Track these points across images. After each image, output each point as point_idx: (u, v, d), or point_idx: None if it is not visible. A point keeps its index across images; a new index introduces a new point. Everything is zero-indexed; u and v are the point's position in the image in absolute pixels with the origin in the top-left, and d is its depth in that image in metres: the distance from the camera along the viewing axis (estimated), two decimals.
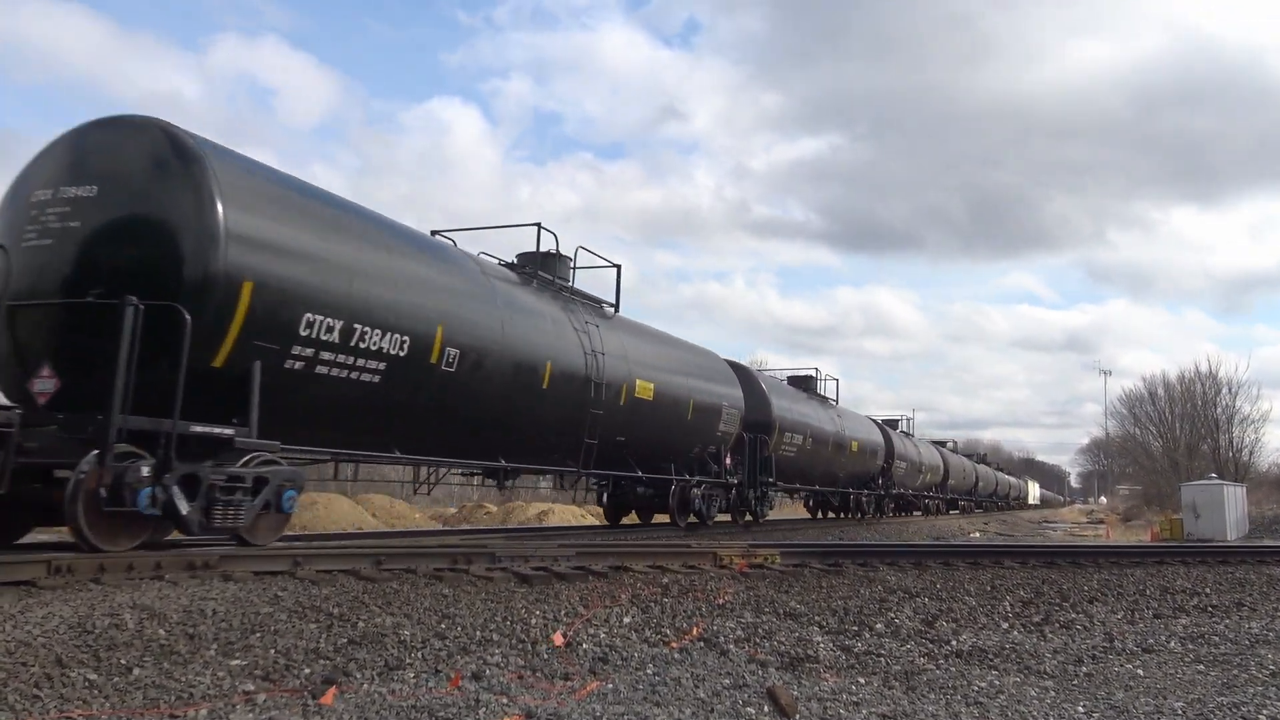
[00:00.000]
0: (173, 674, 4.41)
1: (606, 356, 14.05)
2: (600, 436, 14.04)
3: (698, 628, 6.24)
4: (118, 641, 4.78)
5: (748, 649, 5.81)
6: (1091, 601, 8.23)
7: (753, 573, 8.85)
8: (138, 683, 4.25)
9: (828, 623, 6.80)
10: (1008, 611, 7.64)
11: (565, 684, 4.80)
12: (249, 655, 4.79)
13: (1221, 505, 25.06)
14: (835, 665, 5.56)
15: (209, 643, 4.92)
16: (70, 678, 4.22)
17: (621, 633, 5.99)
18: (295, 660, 4.80)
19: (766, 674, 5.21)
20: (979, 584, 8.75)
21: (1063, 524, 50.54)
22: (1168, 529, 26.41)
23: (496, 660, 5.13)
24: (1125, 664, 5.94)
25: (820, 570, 9.16)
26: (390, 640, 5.29)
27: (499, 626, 5.80)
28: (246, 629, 5.23)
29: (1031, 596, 8.28)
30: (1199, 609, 8.20)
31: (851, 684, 5.10)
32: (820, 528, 24.13)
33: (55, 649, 4.56)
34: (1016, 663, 5.84)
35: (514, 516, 26.64)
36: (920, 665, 5.65)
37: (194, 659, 4.66)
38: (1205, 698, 5.05)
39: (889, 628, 6.71)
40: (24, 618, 5.06)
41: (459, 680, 4.69)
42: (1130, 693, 5.16)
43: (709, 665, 5.35)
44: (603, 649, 5.54)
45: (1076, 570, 10.06)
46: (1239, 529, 25.92)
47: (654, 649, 5.69)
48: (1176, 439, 56.25)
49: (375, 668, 4.82)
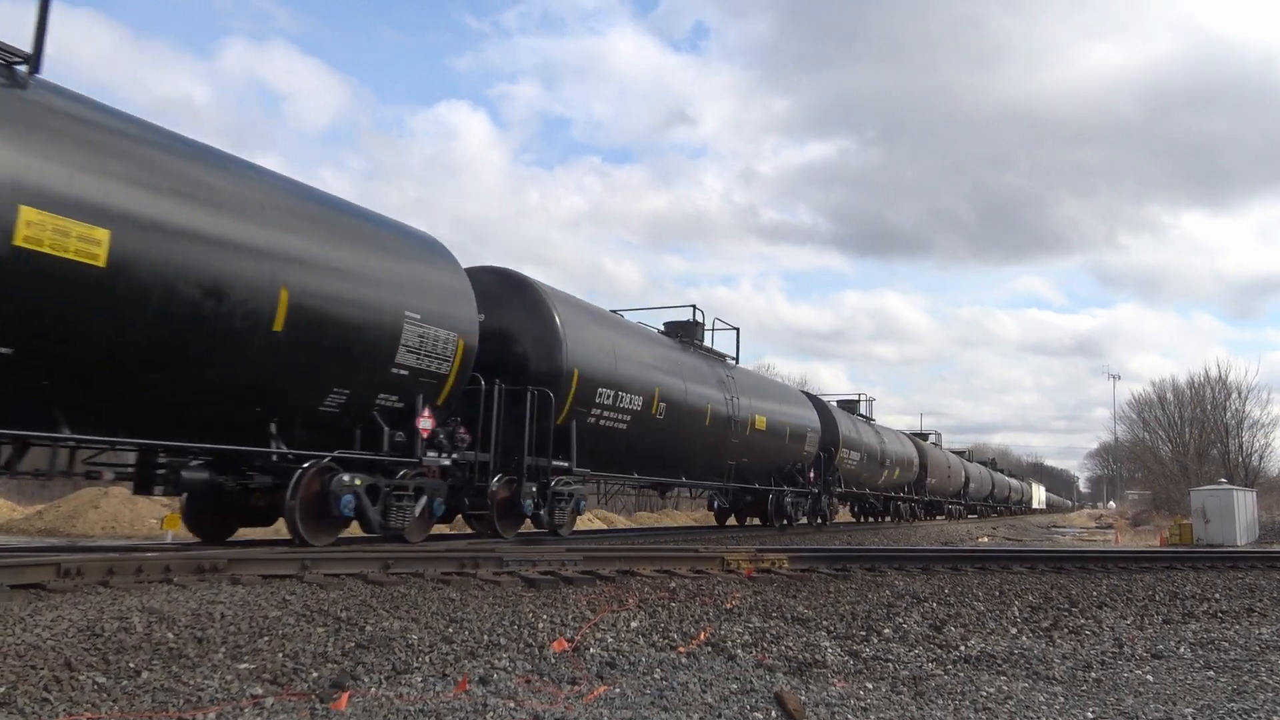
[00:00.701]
0: (181, 677, 4.42)
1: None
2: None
3: (705, 632, 6.22)
4: (126, 645, 4.79)
5: (755, 654, 5.80)
6: (1100, 607, 8.19)
7: (760, 577, 8.84)
8: (146, 686, 4.26)
9: (835, 628, 6.79)
10: (1016, 617, 7.61)
11: (573, 689, 4.79)
12: (257, 659, 4.80)
13: (1231, 510, 24.95)
14: (843, 670, 5.55)
15: (217, 646, 4.93)
16: (79, 681, 4.23)
17: (629, 637, 5.98)
18: (303, 664, 4.80)
19: (774, 679, 5.20)
20: (987, 589, 8.72)
21: (1072, 529, 50.39)
22: (1177, 534, 26.29)
23: (504, 664, 5.12)
24: (1135, 670, 5.91)
25: (828, 575, 9.14)
26: (398, 644, 5.29)
27: (506, 631, 5.80)
28: (254, 632, 5.24)
29: (1040, 602, 8.25)
30: (1209, 615, 8.16)
31: (859, 689, 5.08)
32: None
33: (64, 652, 4.58)
34: (1025, 668, 5.82)
35: None
36: (928, 670, 5.63)
37: (202, 662, 4.67)
38: (1215, 704, 5.02)
39: (897, 633, 6.69)
40: (33, 620, 5.08)
41: (466, 684, 4.69)
42: (1140, 699, 5.13)
43: (716, 670, 5.34)
44: (610, 654, 5.53)
45: (1085, 575, 10.02)
46: (1249, 534, 25.80)
47: (661, 654, 5.68)
48: (1186, 444, 56.04)
49: (383, 671, 4.82)
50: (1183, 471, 50.82)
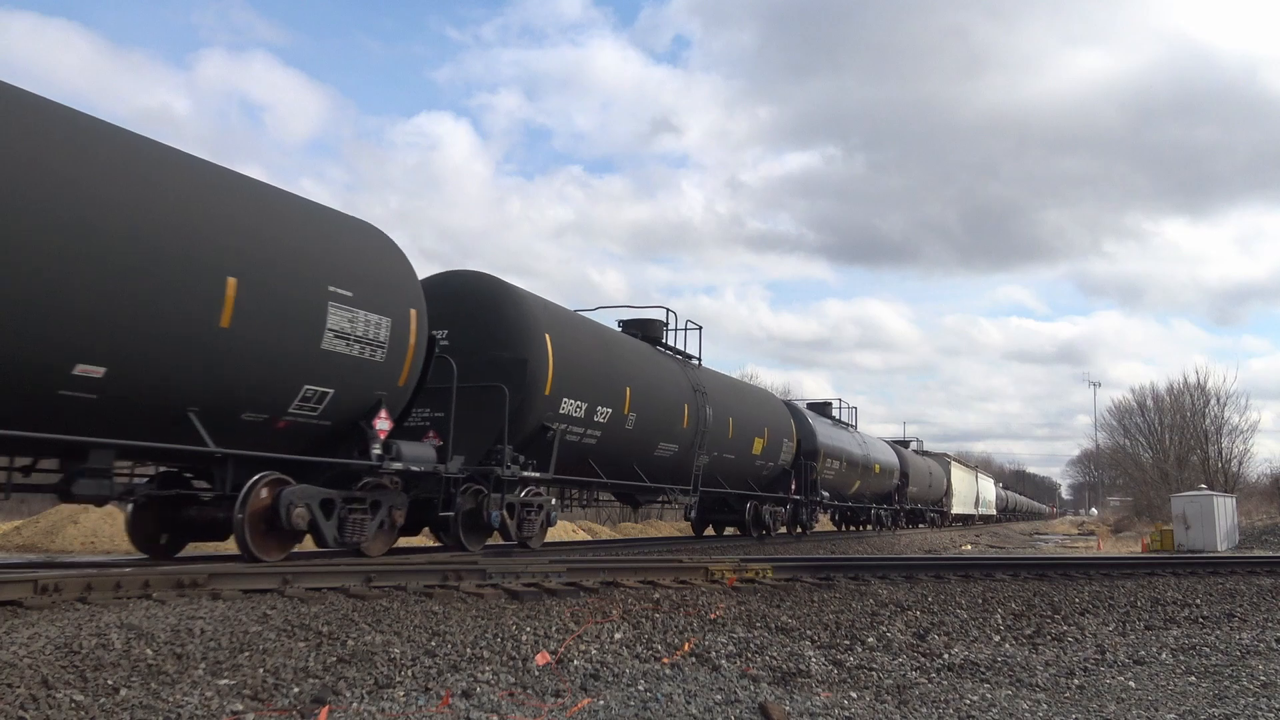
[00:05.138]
0: (160, 694, 4.37)
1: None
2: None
3: (689, 643, 6.21)
4: (105, 661, 4.74)
5: (740, 664, 5.79)
6: (1083, 614, 8.23)
7: (744, 587, 8.83)
8: (124, 703, 4.21)
9: (819, 637, 6.79)
10: (999, 624, 7.63)
11: (556, 701, 4.77)
12: (237, 674, 4.76)
13: (1212, 516, 25.12)
14: (827, 680, 5.55)
15: (197, 662, 4.88)
16: (56, 699, 4.18)
17: (613, 649, 5.96)
18: (284, 679, 4.76)
19: (759, 689, 5.19)
20: (970, 597, 8.75)
21: (1054, 536, 50.63)
22: (1158, 540, 26.45)
23: (487, 678, 5.10)
24: (1117, 676, 5.94)
25: (812, 584, 9.14)
26: (380, 658, 5.25)
27: (489, 644, 5.77)
28: (235, 648, 5.19)
29: (1023, 609, 8.28)
30: (1190, 620, 8.21)
31: (844, 698, 5.08)
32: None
33: (41, 670, 4.52)
34: (1008, 675, 5.84)
35: None
36: (912, 679, 5.63)
37: (182, 679, 4.62)
38: (1197, 709, 5.06)
39: (881, 641, 6.70)
40: (9, 638, 5.02)
41: (449, 698, 4.66)
42: (1122, 705, 5.16)
43: (701, 681, 5.33)
44: (594, 665, 5.51)
45: (1068, 582, 10.07)
46: (1229, 540, 25.98)
47: (645, 665, 5.66)
48: (1166, 450, 56.40)
49: (365, 686, 4.78)
50: (1163, 478, 51.16)
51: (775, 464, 21.71)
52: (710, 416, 17.66)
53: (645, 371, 15.62)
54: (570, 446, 13.38)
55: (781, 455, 21.89)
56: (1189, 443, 54.64)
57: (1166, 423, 58.11)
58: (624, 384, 14.55)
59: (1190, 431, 54.94)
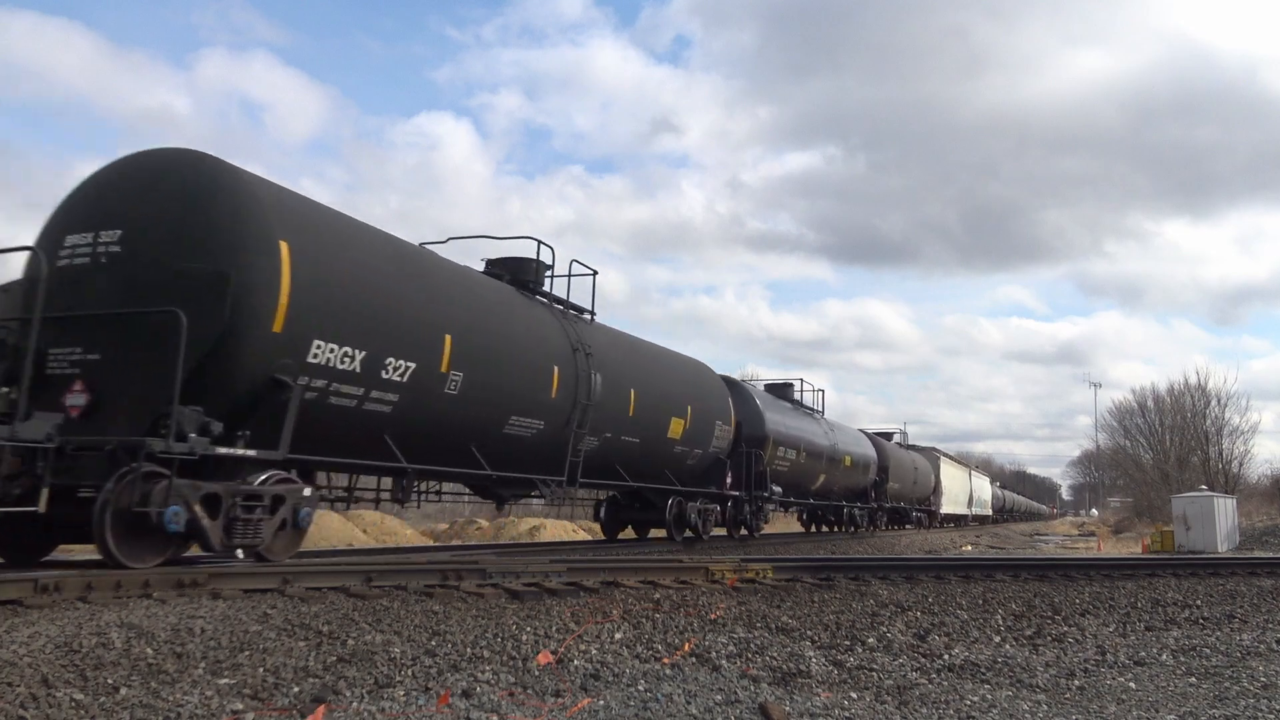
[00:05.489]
0: (160, 693, 4.37)
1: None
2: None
3: (690, 643, 6.21)
4: (105, 661, 4.74)
5: (740, 664, 5.79)
6: (1083, 614, 8.23)
7: (745, 587, 8.83)
8: (125, 703, 4.21)
9: (820, 637, 6.79)
10: (1000, 625, 7.63)
11: (557, 701, 4.77)
12: (237, 674, 4.76)
13: (1212, 517, 25.11)
14: (828, 680, 5.54)
15: (197, 661, 4.88)
16: (56, 698, 4.18)
17: (613, 649, 5.96)
18: (284, 679, 4.76)
19: (759, 689, 5.19)
20: (971, 597, 8.74)
21: (1054, 536, 50.64)
22: (1159, 541, 26.43)
23: (487, 678, 5.09)
24: (1117, 677, 5.94)
25: (812, 585, 9.14)
26: (380, 658, 5.25)
27: (489, 643, 5.77)
28: (235, 647, 5.19)
29: (1023, 610, 8.28)
30: (1190, 621, 8.21)
31: (844, 699, 5.08)
32: (814, 542, 24.01)
33: (41, 669, 4.52)
34: (1009, 676, 5.83)
35: (505, 533, 26.41)
36: (913, 679, 5.63)
37: (182, 678, 4.62)
38: (1197, 710, 5.05)
39: (881, 642, 6.70)
40: (9, 637, 5.01)
41: (449, 698, 4.66)
42: (1123, 706, 5.15)
43: (701, 681, 5.33)
44: (594, 665, 5.51)
45: (1068, 583, 10.06)
46: (1229, 541, 25.97)
47: (646, 665, 5.66)
48: (1167, 451, 56.43)
49: (365, 686, 4.78)
50: (1164, 479, 51.18)
51: (705, 451, 17.58)
52: (598, 385, 13.51)
53: (485, 317, 11.54)
54: (339, 414, 9.36)
55: (714, 441, 17.80)
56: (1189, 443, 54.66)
57: (1167, 423, 58.16)
58: (441, 330, 10.48)
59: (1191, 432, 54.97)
